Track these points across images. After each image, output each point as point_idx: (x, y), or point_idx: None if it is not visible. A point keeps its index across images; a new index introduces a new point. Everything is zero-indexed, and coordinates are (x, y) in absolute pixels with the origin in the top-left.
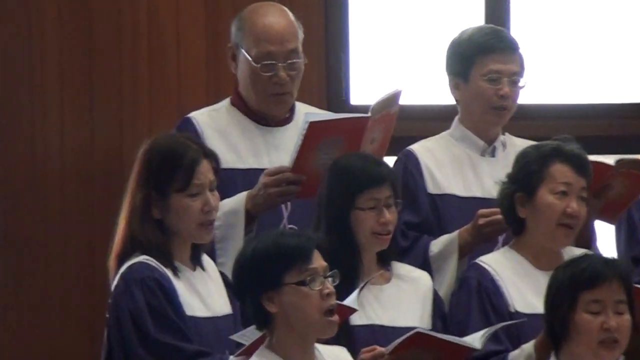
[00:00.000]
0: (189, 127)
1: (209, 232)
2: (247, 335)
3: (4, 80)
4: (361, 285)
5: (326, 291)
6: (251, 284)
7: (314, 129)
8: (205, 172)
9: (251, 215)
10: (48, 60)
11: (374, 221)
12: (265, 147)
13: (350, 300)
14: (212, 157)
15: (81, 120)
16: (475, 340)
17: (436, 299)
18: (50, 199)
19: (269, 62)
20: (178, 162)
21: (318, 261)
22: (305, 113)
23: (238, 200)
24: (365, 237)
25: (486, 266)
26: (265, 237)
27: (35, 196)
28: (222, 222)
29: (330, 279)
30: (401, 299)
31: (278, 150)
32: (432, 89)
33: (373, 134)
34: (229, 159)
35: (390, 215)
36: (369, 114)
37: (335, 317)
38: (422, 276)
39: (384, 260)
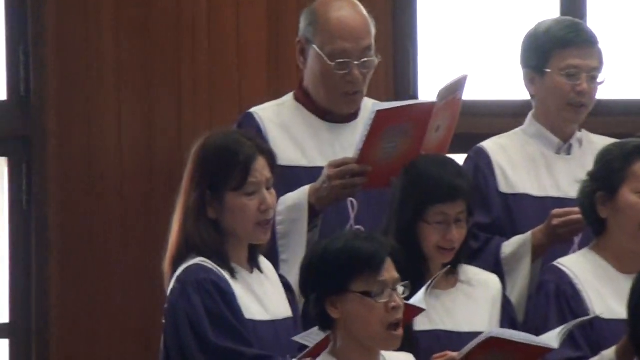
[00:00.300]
0: (250, 122)
1: (266, 232)
2: (311, 336)
3: (59, 78)
4: (428, 283)
5: (392, 305)
6: (317, 284)
7: (381, 118)
8: (261, 169)
9: (315, 210)
10: (104, 56)
11: (440, 236)
12: (330, 144)
13: (417, 300)
14: (268, 153)
15: (139, 117)
16: (551, 339)
17: (505, 303)
18: (108, 199)
19: (343, 60)
20: (233, 160)
21: (389, 272)
22: (373, 103)
23: (301, 194)
24: (429, 250)
25: (565, 269)
26: (339, 237)
27: (92, 196)
28: (284, 217)
29: (400, 290)
30: (468, 303)
31: (344, 147)
32: (505, 83)
33: (438, 121)
34: (293, 157)
35: (457, 233)
36: (435, 100)
37: (400, 332)
38: (490, 279)
39: (450, 265)
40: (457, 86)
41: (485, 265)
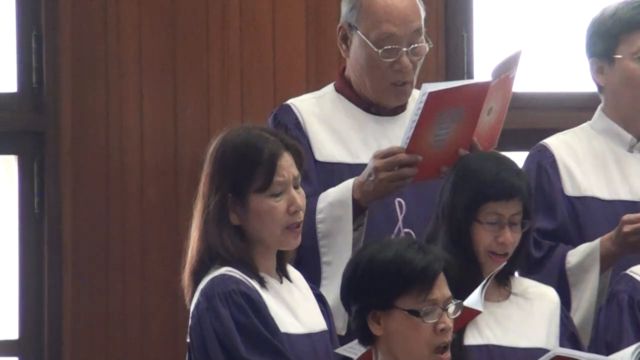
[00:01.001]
0: (288, 115)
1: (297, 236)
2: (354, 348)
3: (76, 64)
4: (483, 282)
5: (442, 326)
6: (360, 296)
7: (433, 101)
8: (287, 167)
9: (360, 206)
10: (125, 40)
11: (492, 239)
12: (376, 139)
13: (473, 302)
14: (293, 149)
15: (163, 109)
16: (625, 357)
17: (564, 317)
18: (127, 203)
19: (392, 46)
20: (256, 158)
21: (441, 289)
22: (423, 85)
23: (344, 189)
24: (480, 254)
25: (639, 277)
26: (389, 245)
27: (110, 199)
28: (326, 215)
29: (451, 310)
30: (522, 317)
31: (391, 142)
32: (570, 75)
33: (491, 102)
34: (335, 152)
35: (511, 236)
36: (489, 79)
37: (447, 355)
38: (547, 292)
39: (502, 275)
40: (511, 63)
41: (549, 276)
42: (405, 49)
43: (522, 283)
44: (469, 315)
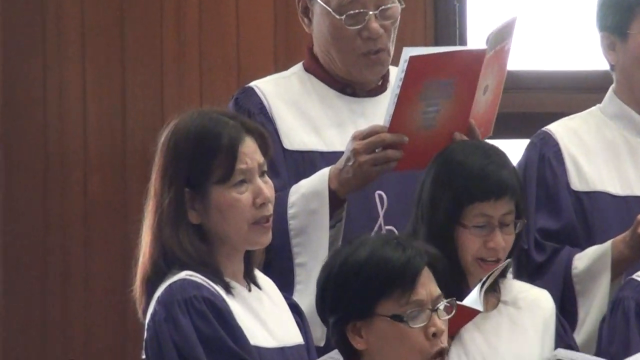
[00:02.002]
0: (251, 98)
1: (266, 232)
2: (335, 358)
3: (6, 44)
4: (483, 279)
5: (432, 330)
6: (335, 306)
7: (416, 68)
8: (250, 153)
9: (338, 198)
10: (66, 11)
11: (480, 244)
12: (353, 123)
13: (471, 300)
14: (257, 132)
15: (109, 94)
16: None
17: (559, 327)
18: (68, 196)
19: (356, 10)
20: (213, 145)
21: (426, 287)
22: (404, 49)
23: (319, 179)
24: (466, 262)
25: None
26: (362, 243)
27: (49, 190)
28: (299, 209)
29: (442, 309)
30: (513, 330)
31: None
32: (577, 50)
33: (486, 79)
34: (306, 139)
35: (502, 239)
36: (484, 47)
37: None
38: (540, 297)
39: (494, 281)
40: (505, 32)
41: (552, 283)
42: (372, 12)
43: (512, 288)
44: (467, 316)
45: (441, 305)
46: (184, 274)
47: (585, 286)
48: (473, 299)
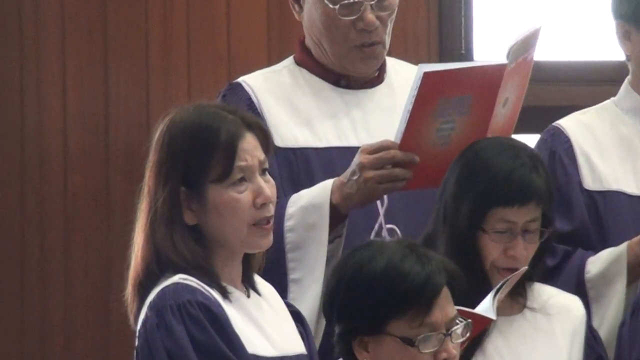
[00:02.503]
0: (238, 94)
1: (267, 234)
2: None
3: None
4: (497, 286)
5: (443, 356)
6: (343, 317)
7: (430, 84)
8: (251, 150)
9: (339, 213)
10: (44, 3)
11: (500, 251)
12: (348, 119)
13: (484, 308)
14: (258, 128)
15: (91, 87)
16: None
17: (590, 337)
18: (47, 195)
19: (351, 0)
20: (211, 141)
21: (443, 310)
22: (419, 65)
23: (321, 191)
24: (487, 269)
25: None
26: (380, 252)
27: (27, 188)
28: (297, 222)
29: (457, 333)
30: (538, 335)
31: (366, 122)
32: (592, 40)
33: (506, 92)
34: (299, 135)
35: (525, 248)
36: (505, 61)
37: None
38: (572, 304)
39: (517, 283)
40: (530, 42)
41: (564, 289)
42: (368, 3)
43: (542, 293)
44: (479, 324)
45: (457, 328)
46: (178, 278)
47: (600, 292)
48: (486, 306)
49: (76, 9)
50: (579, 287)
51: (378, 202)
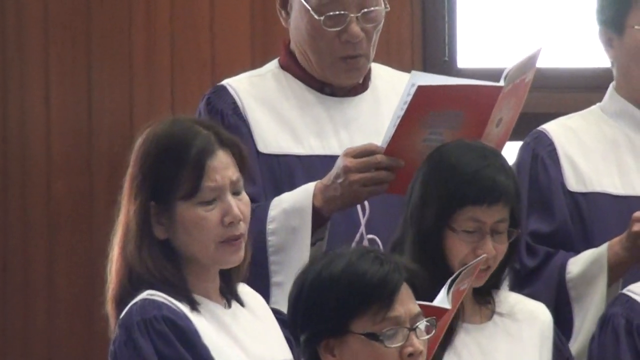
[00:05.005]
0: (223, 97)
1: (236, 251)
2: None
3: None
4: (452, 277)
5: (409, 350)
6: (307, 322)
7: (423, 97)
8: (221, 169)
9: (321, 216)
10: (26, 9)
11: (469, 250)
12: (332, 127)
13: (439, 300)
14: (232, 146)
15: (74, 90)
16: None
17: (557, 340)
18: (30, 203)
19: (336, 12)
20: (181, 157)
21: (405, 305)
22: (412, 73)
23: (303, 194)
24: (454, 268)
25: (638, 298)
26: (338, 256)
27: (9, 196)
28: (279, 225)
29: (421, 328)
30: (509, 342)
31: (349, 129)
32: (578, 46)
33: (500, 112)
34: (282, 142)
35: (494, 247)
36: (501, 83)
37: None
38: (537, 310)
39: (484, 291)
40: (529, 64)
41: (546, 290)
42: (354, 15)
43: (508, 300)
44: (438, 315)
45: (421, 324)
46: (146, 294)
47: (581, 292)
48: (441, 298)
49: (59, 15)
50: (560, 287)
51: (360, 212)
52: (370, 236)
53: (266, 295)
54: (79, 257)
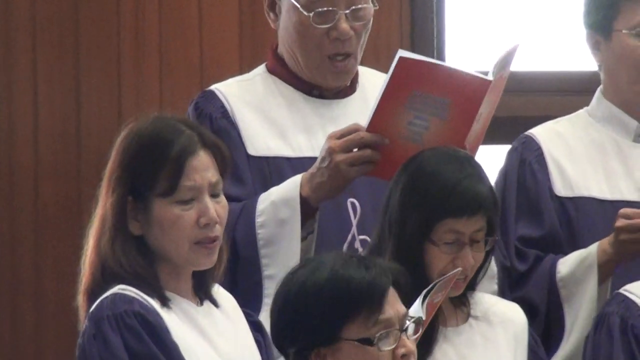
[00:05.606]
0: (212, 102)
1: (209, 254)
2: None
3: None
4: (429, 287)
5: (402, 351)
6: (296, 334)
7: (405, 71)
8: (201, 169)
9: (310, 206)
10: (15, 4)
11: (448, 261)
12: (321, 129)
13: (414, 309)
14: (214, 147)
15: (62, 92)
16: None
17: (532, 342)
18: (19, 204)
19: (325, 8)
20: (161, 155)
21: (394, 306)
22: (399, 51)
23: (290, 186)
24: (433, 279)
25: (634, 297)
26: (322, 263)
27: None
28: (268, 217)
29: (411, 329)
30: (485, 345)
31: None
32: (566, 49)
33: (483, 107)
34: (271, 145)
35: (472, 257)
36: (490, 78)
37: None
38: (512, 312)
39: (462, 294)
40: (507, 59)
41: (537, 291)
42: (343, 12)
43: (482, 302)
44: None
45: (410, 324)
46: (117, 288)
47: (571, 290)
48: (416, 307)
49: (47, 18)
50: (551, 287)
51: (351, 213)
52: (362, 237)
53: (259, 289)
54: (67, 261)
